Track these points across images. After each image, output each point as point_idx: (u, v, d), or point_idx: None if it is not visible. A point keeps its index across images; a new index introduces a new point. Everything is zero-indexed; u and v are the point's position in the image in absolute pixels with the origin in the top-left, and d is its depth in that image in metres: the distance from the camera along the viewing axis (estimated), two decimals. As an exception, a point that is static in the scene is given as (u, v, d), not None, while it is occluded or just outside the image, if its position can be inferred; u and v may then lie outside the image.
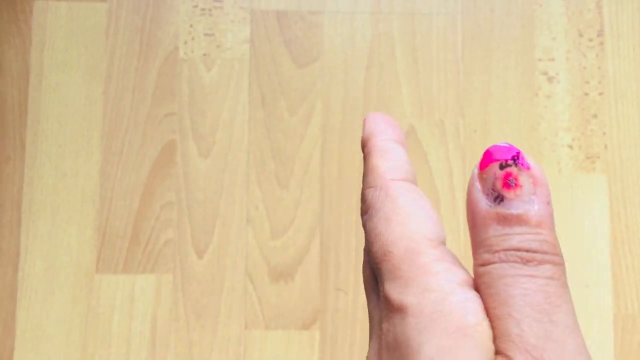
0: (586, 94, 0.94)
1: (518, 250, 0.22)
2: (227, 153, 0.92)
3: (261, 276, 0.90)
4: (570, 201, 0.91)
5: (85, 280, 0.89)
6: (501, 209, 0.22)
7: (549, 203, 0.22)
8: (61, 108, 0.93)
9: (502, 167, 0.22)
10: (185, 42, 0.95)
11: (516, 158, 0.22)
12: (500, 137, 0.93)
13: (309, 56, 0.95)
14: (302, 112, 0.93)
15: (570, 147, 0.92)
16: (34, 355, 0.88)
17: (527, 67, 0.95)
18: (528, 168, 0.22)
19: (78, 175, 0.92)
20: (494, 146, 0.23)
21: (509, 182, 0.22)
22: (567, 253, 0.89)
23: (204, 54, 0.94)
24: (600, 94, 0.94)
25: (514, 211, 0.22)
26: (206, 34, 0.95)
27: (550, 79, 0.94)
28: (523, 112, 0.93)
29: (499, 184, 0.22)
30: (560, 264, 0.22)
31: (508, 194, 0.22)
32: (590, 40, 0.95)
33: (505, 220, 0.22)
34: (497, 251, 0.22)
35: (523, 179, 0.22)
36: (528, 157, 0.23)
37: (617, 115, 0.94)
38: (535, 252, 0.22)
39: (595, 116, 0.93)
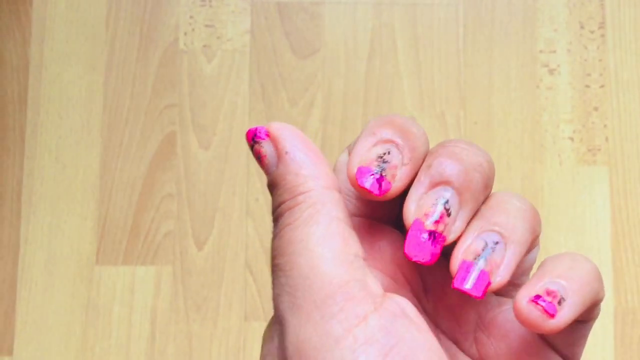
0: (587, 87, 0.94)
1: (275, 208, 0.25)
2: (227, 145, 0.92)
3: (261, 268, 0.90)
4: (571, 194, 0.91)
5: (85, 271, 0.89)
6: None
7: (287, 152, 0.25)
8: (61, 99, 0.93)
9: (252, 150, 0.25)
10: (186, 34, 0.94)
11: (255, 137, 0.25)
12: (501, 129, 0.93)
13: (310, 47, 0.94)
14: (302, 103, 0.93)
15: (572, 139, 0.92)
16: (34, 346, 0.88)
17: (529, 59, 0.94)
18: (266, 136, 0.25)
19: (78, 166, 0.92)
20: (247, 131, 0.26)
21: (258, 159, 0.25)
22: (567, 245, 0.89)
23: (205, 45, 0.94)
24: (602, 86, 0.94)
25: (269, 177, 0.25)
26: (207, 25, 0.95)
27: (551, 71, 0.94)
28: (524, 104, 0.93)
29: (259, 164, 0.25)
30: (297, 204, 0.24)
31: (263, 169, 0.25)
32: (592, 32, 0.95)
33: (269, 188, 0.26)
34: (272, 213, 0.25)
35: (265, 149, 0.25)
36: (269, 126, 0.25)
37: (619, 107, 0.93)
38: (281, 204, 0.24)
39: (596, 109, 0.93)
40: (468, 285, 0.24)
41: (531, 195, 0.91)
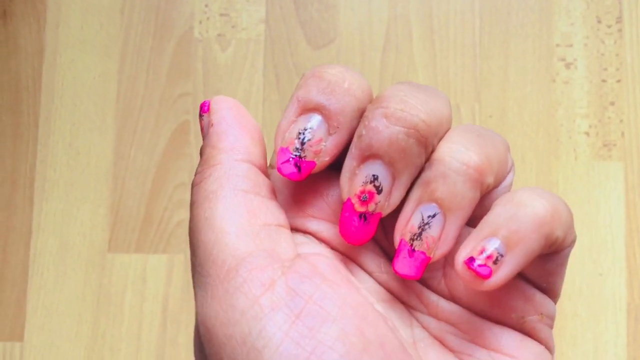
0: (604, 81, 0.93)
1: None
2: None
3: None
4: (586, 189, 0.91)
5: (97, 259, 0.89)
6: None
7: (213, 125, 0.25)
8: (75, 86, 0.93)
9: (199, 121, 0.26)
10: (200, 22, 0.94)
11: (200, 110, 0.26)
12: (516, 123, 0.92)
13: (325, 38, 0.94)
14: (317, 94, 0.93)
15: (587, 134, 0.92)
16: (45, 333, 0.88)
17: (545, 52, 0.94)
18: (206, 111, 0.25)
19: (91, 153, 0.92)
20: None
21: (201, 132, 0.26)
22: (581, 241, 0.89)
23: (219, 34, 0.94)
24: (618, 81, 0.93)
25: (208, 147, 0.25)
26: (221, 14, 0.94)
27: (567, 65, 0.93)
28: (540, 98, 0.93)
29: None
30: (204, 179, 0.24)
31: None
32: (609, 26, 0.94)
33: None
34: None
35: (203, 122, 0.25)
36: (211, 99, 0.26)
37: (635, 102, 0.93)
38: (194, 178, 0.25)
39: (612, 103, 0.92)
40: (404, 270, 0.24)
41: (546, 190, 0.90)
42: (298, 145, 0.24)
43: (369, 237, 0.24)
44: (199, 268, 0.23)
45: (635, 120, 0.92)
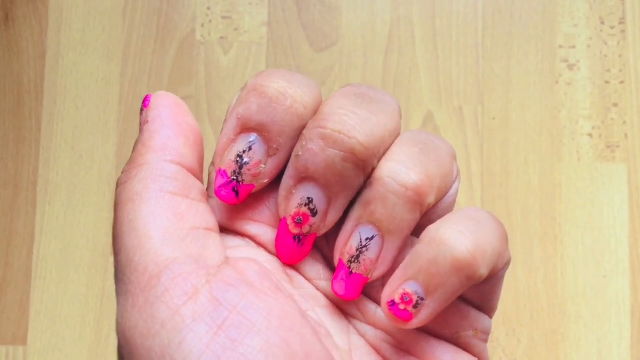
0: (607, 83, 0.93)
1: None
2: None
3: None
4: (589, 190, 0.91)
5: (100, 262, 0.89)
6: None
7: (147, 121, 0.24)
8: (78, 89, 0.93)
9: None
10: (203, 25, 0.94)
11: (141, 107, 0.24)
12: (519, 125, 0.92)
13: (327, 40, 0.94)
14: (319, 96, 0.93)
15: (591, 135, 0.91)
16: (48, 336, 0.88)
17: (548, 54, 0.93)
18: (146, 106, 0.24)
19: (94, 156, 0.92)
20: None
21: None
22: (585, 242, 0.89)
23: (221, 37, 0.94)
24: (621, 82, 0.93)
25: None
26: (224, 17, 0.94)
27: (570, 67, 0.93)
28: (543, 99, 0.93)
29: None
30: (129, 179, 0.23)
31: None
32: (612, 28, 0.94)
33: None
34: None
35: (142, 117, 0.24)
36: (153, 95, 0.24)
37: (639, 104, 0.93)
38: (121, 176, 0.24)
39: (615, 105, 0.92)
40: (341, 292, 0.24)
41: (549, 192, 0.90)
42: (236, 169, 0.23)
43: (303, 257, 0.24)
44: (120, 275, 0.22)
45: (638, 121, 0.92)
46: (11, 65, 0.93)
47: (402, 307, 0.23)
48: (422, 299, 0.22)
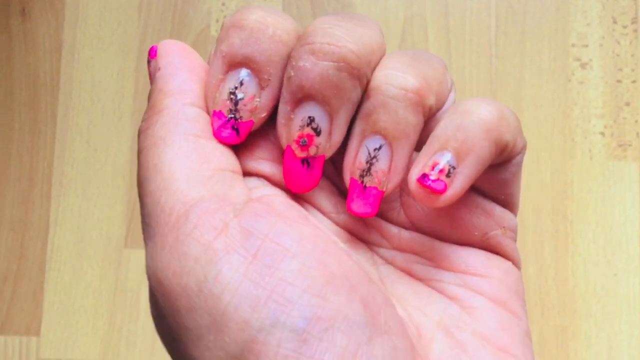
0: (619, 82, 0.93)
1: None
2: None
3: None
4: (601, 189, 0.91)
5: (114, 254, 0.90)
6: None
7: (159, 69, 0.23)
8: (93, 83, 0.94)
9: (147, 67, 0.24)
10: (217, 20, 0.95)
11: (148, 56, 0.24)
12: (532, 123, 0.92)
13: (341, 37, 0.94)
14: (333, 92, 0.93)
15: (603, 134, 0.92)
16: (61, 328, 0.89)
17: (561, 52, 0.94)
18: (154, 56, 0.24)
19: (109, 150, 0.92)
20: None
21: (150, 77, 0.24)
22: (596, 241, 0.89)
23: (236, 33, 0.94)
24: (633, 81, 0.93)
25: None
26: (238, 13, 0.95)
27: (583, 65, 0.93)
28: (556, 97, 0.93)
29: None
30: (151, 125, 0.23)
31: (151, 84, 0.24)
32: (625, 27, 0.94)
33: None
34: None
35: (152, 67, 0.24)
36: (159, 44, 0.24)
37: (651, 103, 0.93)
38: (142, 124, 0.23)
39: (628, 104, 0.92)
40: (359, 209, 0.23)
41: (560, 190, 0.90)
42: (232, 107, 0.23)
43: (315, 183, 0.23)
44: (147, 219, 0.22)
45: (650, 120, 0.92)
46: (27, 59, 0.94)
47: (434, 176, 0.22)
48: (454, 168, 0.22)
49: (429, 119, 0.23)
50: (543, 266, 0.89)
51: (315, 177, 0.23)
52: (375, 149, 0.22)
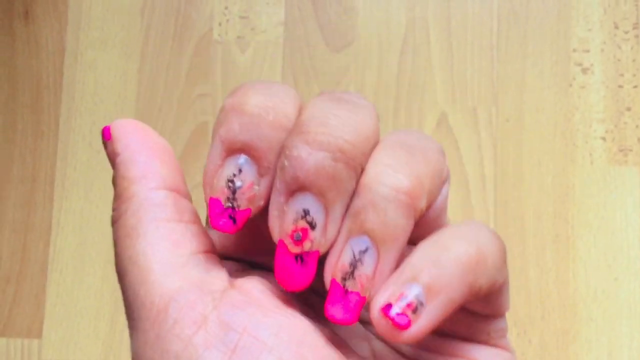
0: (620, 87, 0.93)
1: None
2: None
3: (290, 258, 0.90)
4: (602, 193, 0.91)
5: (115, 256, 0.90)
6: None
7: (118, 154, 0.23)
8: (96, 86, 0.94)
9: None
10: (220, 24, 0.95)
11: (103, 137, 0.24)
12: (533, 127, 0.92)
13: (343, 40, 0.95)
14: (335, 96, 0.93)
15: (604, 139, 0.92)
16: (63, 329, 0.89)
17: (562, 57, 0.94)
18: (108, 138, 0.23)
19: (111, 152, 0.92)
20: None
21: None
22: (597, 245, 0.89)
23: (238, 36, 0.95)
24: (635, 86, 0.93)
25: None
26: (241, 16, 0.95)
27: (584, 70, 0.94)
28: (557, 102, 0.93)
29: None
30: (121, 215, 0.22)
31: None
32: (626, 32, 0.94)
33: None
34: None
35: (109, 150, 0.23)
36: (111, 125, 0.23)
37: (652, 108, 0.93)
38: (113, 213, 0.23)
39: (629, 109, 0.93)
40: (338, 315, 0.21)
41: (561, 194, 0.91)
42: (230, 195, 0.22)
43: (309, 280, 0.21)
44: (129, 311, 0.21)
45: (651, 125, 0.93)
46: (30, 61, 0.94)
47: (399, 310, 0.21)
48: (422, 304, 0.21)
49: (419, 220, 0.22)
50: (544, 270, 0.89)
51: (309, 274, 0.21)
52: (360, 251, 0.21)
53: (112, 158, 0.23)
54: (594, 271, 0.89)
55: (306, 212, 0.21)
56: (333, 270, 0.21)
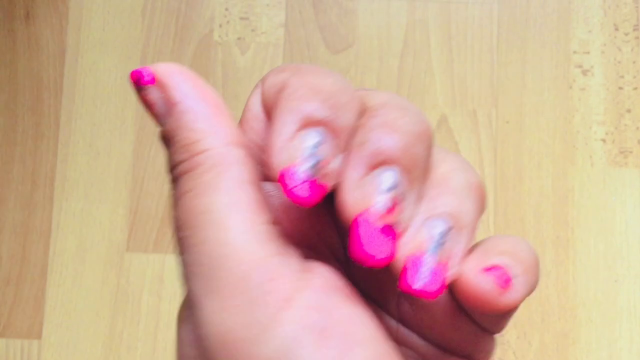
0: (620, 88, 0.93)
1: (171, 169, 0.22)
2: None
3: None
4: (602, 195, 0.91)
5: (115, 258, 0.90)
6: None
7: (178, 103, 0.21)
8: (96, 88, 0.94)
9: (138, 96, 0.22)
10: (221, 26, 0.95)
11: (139, 81, 0.21)
12: (533, 129, 0.92)
13: (343, 42, 0.95)
14: (335, 97, 0.93)
15: (604, 141, 0.92)
16: (63, 331, 0.89)
17: (562, 59, 0.94)
18: (149, 82, 0.21)
19: (111, 154, 0.92)
20: (131, 73, 0.22)
21: (147, 108, 0.22)
22: (597, 247, 0.89)
23: (239, 38, 0.95)
24: (635, 88, 0.93)
25: (161, 130, 0.22)
26: (241, 18, 0.95)
27: (584, 72, 0.94)
28: (557, 104, 0.93)
29: (148, 112, 0.22)
30: (195, 167, 0.21)
31: (153, 118, 0.22)
32: (626, 34, 0.94)
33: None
34: (169, 173, 0.23)
35: (152, 96, 0.21)
36: (155, 69, 0.21)
37: (652, 110, 0.93)
38: (177, 165, 0.21)
39: (629, 111, 0.93)
40: (419, 284, 0.20)
41: (561, 196, 0.91)
42: (312, 163, 0.20)
43: (393, 253, 0.20)
44: (201, 270, 0.20)
45: (651, 127, 0.93)
46: (31, 63, 0.94)
47: (498, 273, 0.20)
48: (515, 276, 0.21)
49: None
50: (544, 272, 0.89)
51: (392, 247, 0.20)
52: (442, 230, 0.21)
53: (164, 106, 0.21)
54: (594, 273, 0.89)
55: (394, 183, 0.20)
56: (410, 247, 0.20)
